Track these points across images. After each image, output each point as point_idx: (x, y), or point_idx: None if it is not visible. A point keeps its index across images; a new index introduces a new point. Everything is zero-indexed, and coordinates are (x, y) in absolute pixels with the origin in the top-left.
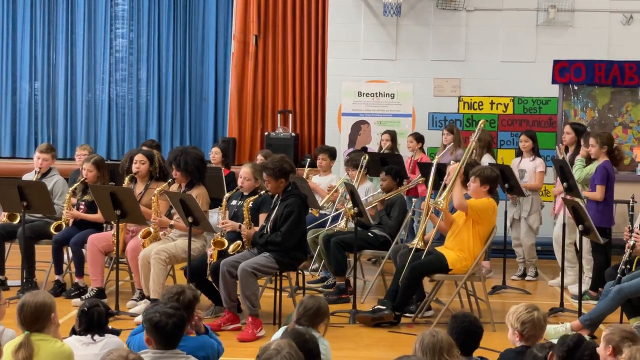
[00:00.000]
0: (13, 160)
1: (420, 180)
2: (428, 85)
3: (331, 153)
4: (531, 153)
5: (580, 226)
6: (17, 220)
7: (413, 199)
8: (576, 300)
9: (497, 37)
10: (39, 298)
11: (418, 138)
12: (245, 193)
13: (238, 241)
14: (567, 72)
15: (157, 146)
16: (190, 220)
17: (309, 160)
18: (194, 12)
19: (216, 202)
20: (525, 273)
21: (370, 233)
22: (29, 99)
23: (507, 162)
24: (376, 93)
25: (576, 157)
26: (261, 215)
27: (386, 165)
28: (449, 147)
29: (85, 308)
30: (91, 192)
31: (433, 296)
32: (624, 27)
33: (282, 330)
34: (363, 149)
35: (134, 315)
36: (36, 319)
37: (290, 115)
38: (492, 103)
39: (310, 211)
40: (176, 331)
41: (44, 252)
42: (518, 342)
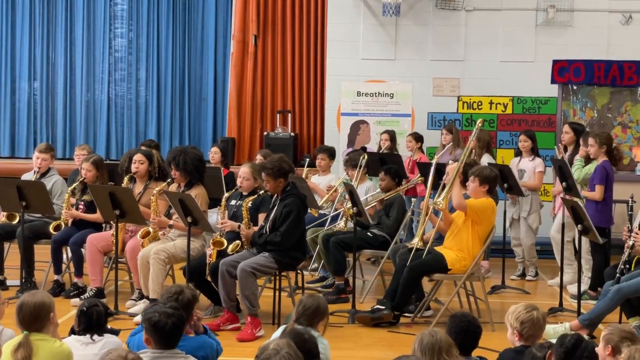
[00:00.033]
0: (12, 160)
1: (419, 180)
2: (427, 85)
3: (330, 153)
4: (530, 153)
5: (579, 226)
6: (16, 220)
7: (412, 199)
8: (575, 300)
9: (496, 37)
10: (38, 298)
11: (417, 138)
12: (244, 193)
13: (237, 241)
14: (567, 72)
15: (156, 146)
16: (189, 220)
17: (308, 160)
18: (193, 12)
19: (215, 202)
20: (524, 273)
21: (369, 233)
22: (28, 99)
23: (508, 162)
24: (375, 93)
25: (575, 157)
26: (260, 215)
27: (385, 165)
28: (448, 147)
29: (84, 308)
30: (90, 192)
31: (432, 296)
32: (623, 27)
33: (281, 329)
34: (362, 149)
35: (133, 315)
36: (35, 319)
37: (289, 115)
38: (491, 103)
39: (309, 211)
40: (175, 331)
41: (43, 252)
42: (517, 342)
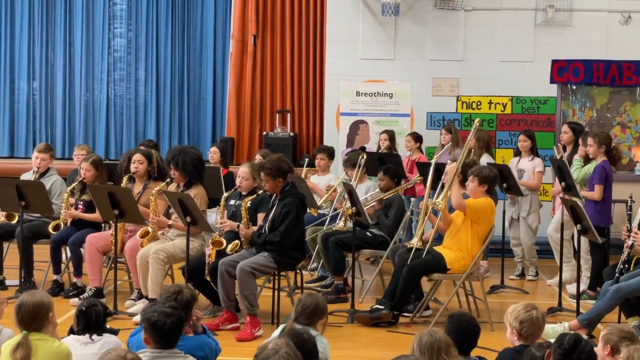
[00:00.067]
0: (11, 160)
1: (418, 179)
2: (426, 84)
3: (329, 153)
4: (530, 153)
5: (578, 226)
6: (16, 220)
7: (411, 199)
8: (574, 299)
9: (496, 37)
10: (37, 297)
11: (416, 138)
12: (243, 193)
13: (236, 241)
14: (566, 72)
15: (155, 146)
16: (188, 219)
17: (308, 159)
18: (193, 12)
19: (215, 202)
20: (523, 273)
21: (368, 233)
22: (27, 99)
23: (509, 162)
24: (374, 93)
25: (574, 157)
26: (259, 214)
27: (384, 164)
28: (447, 147)
29: (83, 308)
30: (89, 192)
31: (431, 296)
32: (622, 27)
33: (280, 329)
34: (361, 149)
35: (132, 314)
36: (34, 319)
37: (288, 114)
38: (491, 103)
39: (308, 211)
40: (174, 331)
41: (42, 252)
42: (516, 341)
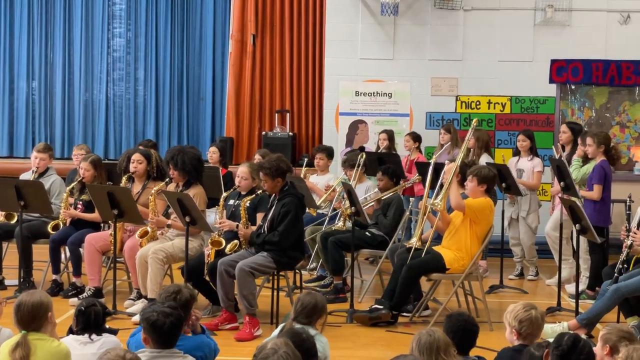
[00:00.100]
0: (10, 159)
1: (417, 179)
2: (425, 84)
3: (329, 152)
4: (529, 152)
5: (577, 225)
6: (15, 219)
7: (410, 199)
8: (573, 299)
9: (495, 37)
10: (36, 297)
11: (415, 137)
12: (242, 192)
13: (235, 241)
14: (565, 72)
15: (154, 145)
16: (187, 219)
17: (307, 159)
18: (192, 12)
19: (214, 202)
20: (522, 272)
21: (367, 232)
22: (27, 99)
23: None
24: (374, 92)
25: (573, 157)
26: (258, 214)
27: (383, 164)
28: (447, 147)
29: (82, 307)
30: (89, 192)
31: (430, 295)
32: (622, 27)
33: (280, 329)
34: (360, 149)
35: (132, 314)
36: (33, 319)
37: (287, 114)
38: (490, 102)
39: (307, 210)
40: (173, 330)
41: (42, 252)
42: (516, 341)
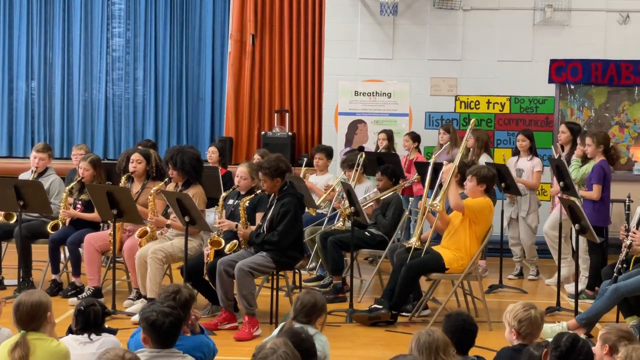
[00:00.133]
0: (10, 159)
1: (415, 178)
2: (425, 84)
3: (328, 152)
4: (528, 152)
5: (576, 225)
6: (14, 219)
7: (410, 199)
8: (573, 299)
9: (494, 37)
10: (35, 297)
11: (414, 137)
12: (241, 192)
13: (234, 240)
14: (564, 72)
15: (153, 145)
16: (186, 219)
17: (306, 159)
18: (191, 11)
19: (213, 202)
20: (521, 272)
21: (367, 232)
22: (26, 99)
23: None
24: (373, 92)
25: (572, 157)
26: (258, 214)
27: (383, 164)
28: (446, 147)
29: (81, 307)
30: (88, 192)
31: (430, 295)
32: (621, 27)
33: (280, 328)
34: (360, 149)
35: (131, 314)
36: (32, 318)
37: (287, 114)
38: (489, 102)
39: (307, 210)
40: (173, 330)
41: (41, 252)
42: (515, 341)
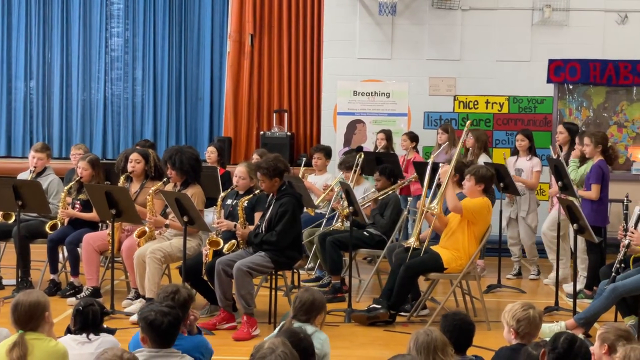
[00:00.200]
0: (8, 159)
1: (413, 178)
2: (423, 84)
3: (327, 152)
4: (528, 152)
5: (574, 225)
6: (12, 219)
7: (408, 198)
8: (571, 299)
9: (493, 37)
10: (33, 297)
11: (412, 137)
12: (240, 192)
13: (233, 240)
14: (562, 72)
15: (152, 145)
16: (185, 219)
17: (305, 159)
18: (190, 12)
19: (212, 202)
20: (520, 272)
21: (365, 232)
22: (24, 98)
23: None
24: (372, 92)
25: (570, 157)
26: (256, 214)
27: (381, 164)
28: (444, 146)
29: (80, 307)
30: (86, 191)
31: (428, 295)
32: (619, 27)
33: (279, 328)
34: (358, 148)
35: (129, 314)
36: (30, 318)
37: (285, 114)
38: (488, 102)
39: (306, 210)
40: (171, 330)
41: (39, 252)
42: (513, 340)
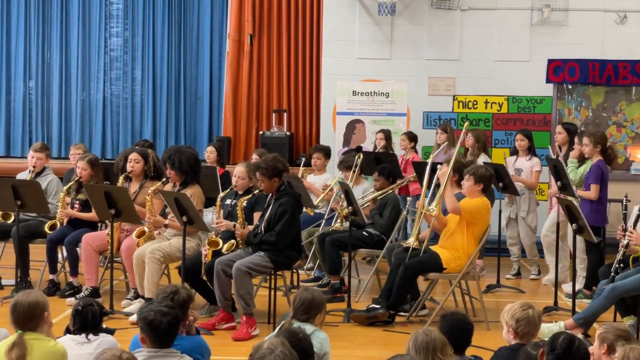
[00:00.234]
0: (7, 159)
1: (411, 177)
2: (422, 84)
3: (326, 152)
4: (527, 152)
5: (573, 225)
6: (12, 219)
7: (407, 198)
8: (570, 299)
9: (492, 37)
10: (32, 297)
11: (411, 137)
12: (239, 192)
13: (232, 240)
14: (562, 71)
15: (150, 145)
16: (184, 219)
17: (304, 159)
18: (189, 11)
19: (211, 202)
20: (519, 272)
21: (364, 232)
22: (24, 98)
23: None
24: (371, 92)
25: (568, 158)
26: (255, 214)
27: (380, 164)
28: (443, 146)
29: (79, 307)
30: (85, 191)
31: (427, 295)
32: (618, 27)
33: (279, 328)
34: (358, 148)
35: (129, 314)
36: (29, 318)
37: (285, 114)
38: (487, 102)
39: (305, 210)
40: (171, 330)
41: (38, 252)
42: (513, 340)
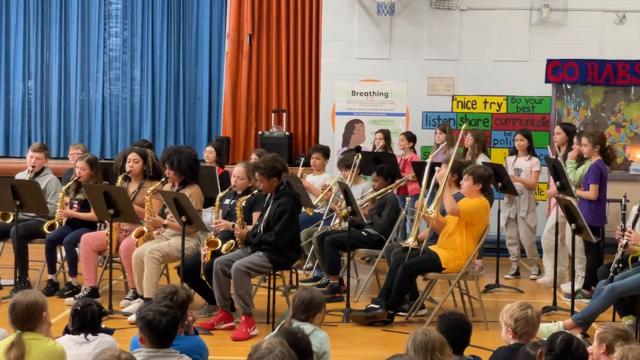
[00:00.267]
0: (6, 159)
1: (410, 177)
2: (422, 84)
3: (325, 152)
4: (527, 152)
5: (572, 225)
6: (10, 219)
7: (407, 198)
8: (569, 298)
9: (491, 37)
10: (30, 297)
11: (410, 137)
12: (238, 192)
13: (231, 240)
14: (560, 72)
15: (149, 146)
16: (183, 219)
17: (303, 159)
18: (188, 11)
19: (211, 202)
20: (518, 272)
21: (363, 232)
22: (23, 98)
23: None
24: (370, 92)
25: (567, 159)
26: (254, 214)
27: (379, 164)
28: (442, 146)
29: (78, 307)
30: (84, 191)
31: (426, 295)
32: (617, 27)
33: (279, 328)
34: (357, 148)
35: (128, 314)
36: (27, 318)
37: (284, 114)
38: (486, 102)
39: (304, 210)
40: (170, 329)
41: (37, 252)
42: (511, 340)
